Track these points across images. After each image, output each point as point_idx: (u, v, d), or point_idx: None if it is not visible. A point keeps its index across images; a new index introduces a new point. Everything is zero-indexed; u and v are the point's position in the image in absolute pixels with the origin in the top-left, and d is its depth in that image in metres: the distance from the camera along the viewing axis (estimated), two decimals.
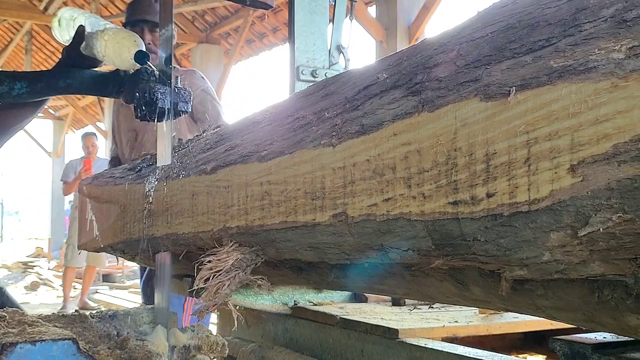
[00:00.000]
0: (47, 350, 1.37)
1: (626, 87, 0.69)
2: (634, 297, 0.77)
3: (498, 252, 0.85)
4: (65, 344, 1.39)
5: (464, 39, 0.96)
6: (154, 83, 1.76)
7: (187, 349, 1.60)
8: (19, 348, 1.34)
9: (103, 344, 1.55)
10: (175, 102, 1.75)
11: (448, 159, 0.88)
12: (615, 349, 0.94)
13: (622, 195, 0.70)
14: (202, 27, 12.83)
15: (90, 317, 1.73)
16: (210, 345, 1.62)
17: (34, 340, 1.36)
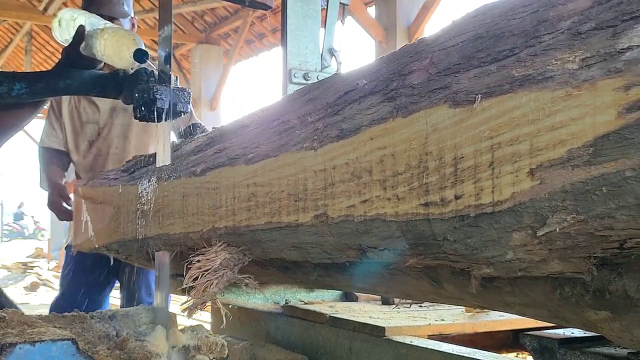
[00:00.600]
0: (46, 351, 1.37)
1: (579, 96, 0.74)
2: (591, 293, 0.82)
3: (466, 251, 0.90)
4: (65, 344, 1.39)
5: (437, 47, 1.00)
6: (154, 83, 1.77)
7: (186, 349, 1.60)
8: (18, 348, 1.34)
9: (102, 344, 1.55)
10: (175, 102, 1.76)
11: (420, 162, 0.93)
12: (581, 344, 0.99)
13: (576, 197, 0.74)
14: (202, 28, 12.89)
15: (90, 317, 1.74)
16: (209, 346, 1.62)
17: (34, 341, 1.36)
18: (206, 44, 12.80)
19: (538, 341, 1.02)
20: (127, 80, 1.92)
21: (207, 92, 12.79)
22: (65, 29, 2.06)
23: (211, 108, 12.79)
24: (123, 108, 2.92)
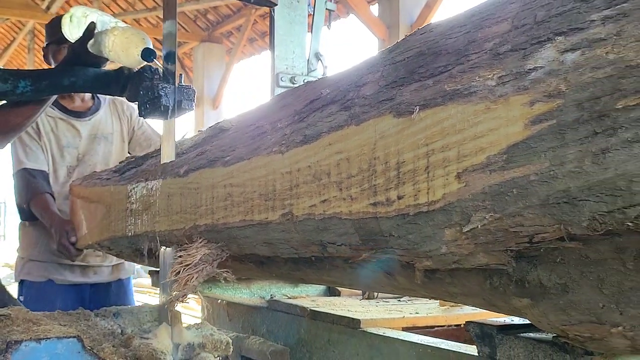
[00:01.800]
0: (52, 348, 1.38)
1: (495, 109, 0.86)
2: (514, 283, 0.94)
3: (408, 245, 1.01)
4: (70, 341, 1.41)
5: (388, 62, 1.12)
6: (158, 81, 1.78)
7: (191, 346, 1.61)
8: (24, 346, 1.36)
9: (107, 342, 1.56)
10: (180, 99, 1.76)
11: (369, 166, 1.05)
12: (517, 330, 1.11)
13: (493, 198, 0.86)
14: (204, 26, 12.99)
15: (95, 315, 1.76)
16: (214, 343, 1.64)
17: (39, 338, 1.38)
18: (209, 42, 12.89)
19: (480, 328, 1.13)
20: (132, 78, 1.91)
21: (209, 90, 12.89)
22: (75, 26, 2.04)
23: (214, 106, 12.90)
24: (104, 135, 2.87)
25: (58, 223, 2.51)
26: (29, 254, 2.79)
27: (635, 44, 0.72)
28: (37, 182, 2.70)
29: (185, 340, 1.62)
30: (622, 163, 0.72)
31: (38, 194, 2.67)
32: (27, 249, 2.83)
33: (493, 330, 1.11)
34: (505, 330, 1.10)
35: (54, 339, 1.40)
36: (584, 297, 0.86)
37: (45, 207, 2.63)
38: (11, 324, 1.51)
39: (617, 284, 0.82)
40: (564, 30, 0.81)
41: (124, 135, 2.91)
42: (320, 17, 2.58)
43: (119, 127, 2.91)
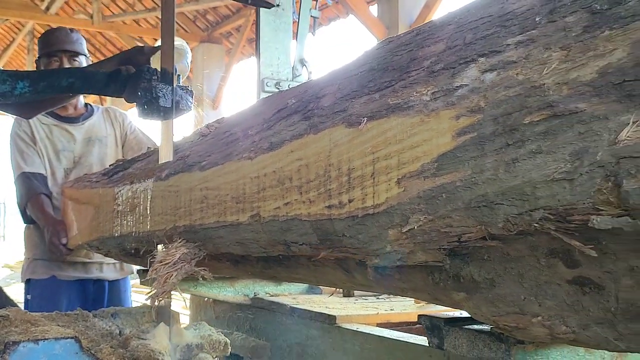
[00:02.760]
0: (49, 349, 1.39)
1: (429, 122, 0.96)
2: (451, 278, 1.04)
3: (359, 245, 1.12)
4: (68, 342, 1.41)
5: (345, 75, 1.23)
6: (156, 82, 1.79)
7: (189, 347, 1.62)
8: (22, 346, 1.36)
9: (105, 342, 1.57)
10: (178, 100, 1.78)
11: (325, 172, 1.16)
12: (462, 322, 1.21)
13: (426, 202, 0.97)
14: (204, 27, 13.09)
15: (93, 315, 1.78)
16: (212, 344, 1.66)
17: (37, 339, 1.39)
18: (208, 42, 12.98)
19: (430, 320, 1.24)
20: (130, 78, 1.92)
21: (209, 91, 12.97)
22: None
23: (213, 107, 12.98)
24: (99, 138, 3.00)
25: (50, 223, 2.64)
26: (33, 253, 2.94)
27: (540, 66, 0.83)
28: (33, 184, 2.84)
29: (184, 340, 1.64)
30: (528, 171, 0.83)
31: (34, 195, 2.80)
32: (31, 249, 2.98)
33: (441, 323, 1.21)
34: (452, 322, 1.20)
35: (52, 340, 1.40)
36: (508, 290, 0.97)
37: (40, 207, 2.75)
38: (9, 325, 1.52)
39: (534, 278, 0.92)
40: (485, 52, 0.92)
41: (117, 139, 3.04)
42: (304, 24, 2.69)
43: (112, 132, 3.04)
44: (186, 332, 1.68)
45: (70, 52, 2.91)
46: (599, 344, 0.95)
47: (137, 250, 1.86)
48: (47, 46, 2.96)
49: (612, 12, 0.77)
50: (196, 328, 1.74)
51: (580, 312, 0.91)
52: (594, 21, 0.79)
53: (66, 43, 2.93)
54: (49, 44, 2.96)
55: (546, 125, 0.81)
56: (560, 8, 0.84)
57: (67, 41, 2.94)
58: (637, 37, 0.73)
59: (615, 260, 0.81)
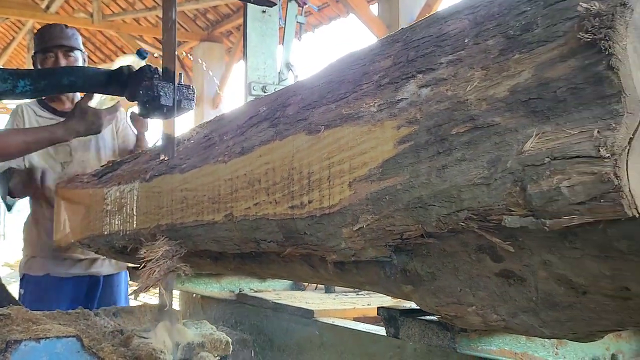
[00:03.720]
0: (51, 348, 1.40)
1: (375, 131, 1.08)
2: (400, 272, 1.16)
3: (318, 242, 1.24)
4: (70, 341, 1.43)
5: (308, 86, 1.35)
6: (158, 80, 1.81)
7: (190, 346, 1.64)
8: (24, 345, 1.37)
9: (107, 341, 1.58)
10: (179, 99, 1.81)
11: (289, 175, 1.28)
12: (416, 313, 1.33)
13: (373, 203, 1.08)
14: (204, 25, 13.19)
15: (94, 314, 1.80)
16: (213, 343, 1.68)
17: (39, 338, 1.40)
18: (208, 41, 13.08)
19: (387, 312, 1.35)
20: (131, 77, 1.94)
21: (209, 90, 13.09)
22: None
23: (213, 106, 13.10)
24: None
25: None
26: (31, 251, 3.05)
27: (465, 84, 0.95)
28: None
29: (185, 339, 1.66)
30: (454, 177, 0.94)
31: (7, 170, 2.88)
32: (28, 247, 3.10)
33: (397, 314, 1.33)
34: (407, 313, 1.32)
35: (54, 339, 1.42)
36: (446, 283, 1.08)
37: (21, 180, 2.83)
38: (11, 324, 1.54)
39: (468, 271, 1.04)
40: (423, 69, 1.04)
41: (113, 131, 3.15)
42: (291, 29, 2.80)
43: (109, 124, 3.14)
44: (188, 330, 1.71)
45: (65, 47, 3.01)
46: (527, 330, 1.07)
47: (125, 247, 1.98)
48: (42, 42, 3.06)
49: (522, 38, 0.89)
50: (197, 327, 1.77)
51: (508, 302, 1.03)
52: (508, 45, 0.90)
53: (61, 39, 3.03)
54: (44, 40, 3.06)
55: (469, 136, 0.93)
56: (484, 32, 0.96)
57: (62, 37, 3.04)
58: (541, 61, 0.85)
59: (531, 255, 0.93)
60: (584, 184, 0.77)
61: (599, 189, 0.76)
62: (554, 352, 1.29)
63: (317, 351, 1.97)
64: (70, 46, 2.97)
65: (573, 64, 0.81)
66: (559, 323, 1.01)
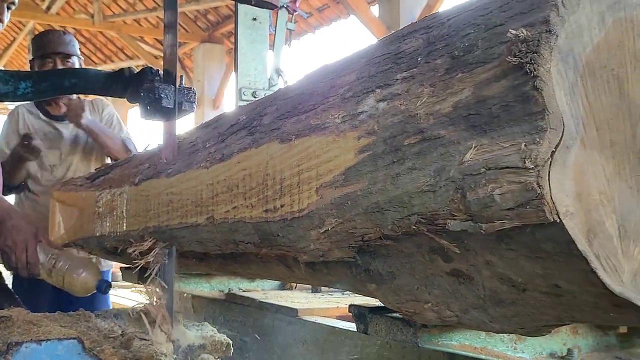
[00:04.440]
0: (52, 350, 1.40)
1: (339, 141, 1.18)
2: (364, 271, 1.26)
3: (290, 243, 1.34)
4: (71, 343, 1.42)
5: (282, 97, 1.44)
6: (159, 83, 1.81)
7: (191, 348, 1.64)
8: (25, 347, 1.37)
9: (108, 343, 1.58)
10: (180, 101, 1.82)
11: (263, 180, 1.37)
12: (384, 311, 1.42)
13: (337, 207, 1.18)
14: (204, 26, 13.30)
15: (95, 316, 1.79)
16: (214, 345, 1.68)
17: (40, 340, 1.40)
18: (209, 42, 13.19)
19: (357, 309, 1.45)
20: (132, 79, 1.94)
21: (209, 91, 13.18)
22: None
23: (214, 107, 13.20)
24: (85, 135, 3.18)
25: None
26: None
27: (415, 99, 1.04)
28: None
29: (186, 341, 1.66)
30: (406, 184, 1.04)
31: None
32: None
33: (366, 311, 1.42)
34: (375, 311, 1.41)
35: (55, 341, 1.42)
36: (405, 281, 1.18)
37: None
38: (12, 325, 1.54)
39: (423, 271, 1.13)
40: (381, 85, 1.13)
41: None
42: (281, 36, 2.91)
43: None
44: (189, 332, 1.72)
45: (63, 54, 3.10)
46: (478, 325, 1.16)
47: (115, 248, 2.08)
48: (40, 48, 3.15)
49: (464, 59, 0.98)
50: (198, 328, 1.78)
51: (460, 299, 1.12)
52: (453, 65, 1.00)
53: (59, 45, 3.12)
54: (42, 46, 3.15)
55: (419, 147, 1.02)
56: (434, 51, 1.06)
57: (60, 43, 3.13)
58: (479, 80, 0.94)
59: (475, 255, 1.02)
60: (512, 192, 0.87)
61: (524, 196, 0.85)
62: (513, 347, 1.38)
63: (301, 348, 2.07)
64: (68, 53, 3.07)
65: (505, 84, 0.90)
66: (506, 318, 1.10)
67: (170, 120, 1.82)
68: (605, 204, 0.90)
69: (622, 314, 0.94)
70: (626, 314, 0.94)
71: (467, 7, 1.08)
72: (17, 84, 1.98)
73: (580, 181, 0.87)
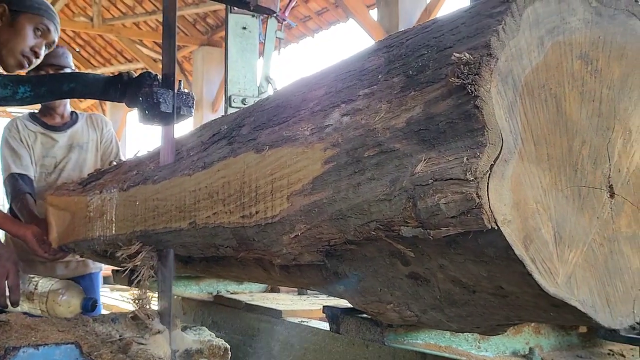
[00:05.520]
0: (50, 354, 1.42)
1: (307, 152, 1.27)
2: (333, 274, 1.34)
3: (265, 247, 1.42)
4: (68, 347, 1.45)
5: (260, 109, 1.53)
6: (157, 87, 1.84)
7: (189, 353, 1.67)
8: (22, 352, 1.39)
9: (105, 347, 1.60)
10: (178, 106, 1.84)
11: (241, 188, 1.46)
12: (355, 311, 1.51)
13: (305, 214, 1.27)
14: (204, 30, 13.39)
15: (93, 320, 1.82)
16: (212, 349, 1.70)
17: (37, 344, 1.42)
18: (208, 46, 13.26)
19: (330, 310, 1.54)
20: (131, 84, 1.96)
21: (208, 94, 13.25)
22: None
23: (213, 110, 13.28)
24: (79, 144, 3.29)
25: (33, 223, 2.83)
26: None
27: (374, 114, 1.13)
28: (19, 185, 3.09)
29: (183, 346, 1.69)
30: (366, 193, 1.13)
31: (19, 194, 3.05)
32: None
33: (338, 312, 1.51)
34: (347, 311, 1.50)
35: (52, 345, 1.44)
36: (369, 283, 1.27)
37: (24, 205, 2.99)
38: (9, 330, 1.56)
39: (385, 274, 1.22)
40: (346, 100, 1.22)
41: (98, 145, 3.35)
42: (270, 44, 3.00)
43: (95, 137, 3.35)
44: (186, 337, 1.75)
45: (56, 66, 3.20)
46: (437, 324, 1.25)
47: (105, 251, 2.17)
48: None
49: (417, 78, 1.07)
50: (196, 333, 1.82)
51: (419, 300, 1.21)
52: (407, 83, 1.09)
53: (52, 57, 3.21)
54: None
55: (377, 159, 1.11)
56: (393, 70, 1.15)
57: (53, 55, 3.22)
58: (429, 98, 1.03)
59: (429, 259, 1.11)
60: (455, 201, 0.95)
61: (465, 205, 0.94)
62: (476, 346, 1.47)
63: (284, 348, 2.16)
64: (60, 65, 3.16)
65: (450, 102, 0.99)
66: (462, 318, 1.19)
67: (169, 124, 1.85)
68: (542, 213, 0.98)
69: (560, 313, 1.03)
70: (564, 313, 1.03)
71: (425, 28, 1.17)
72: (16, 88, 2.01)
73: (517, 191, 0.96)
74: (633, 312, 1.05)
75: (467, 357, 1.45)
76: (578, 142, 1.04)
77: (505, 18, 0.98)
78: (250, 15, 2.90)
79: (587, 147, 1.05)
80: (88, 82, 2.09)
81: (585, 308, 1.00)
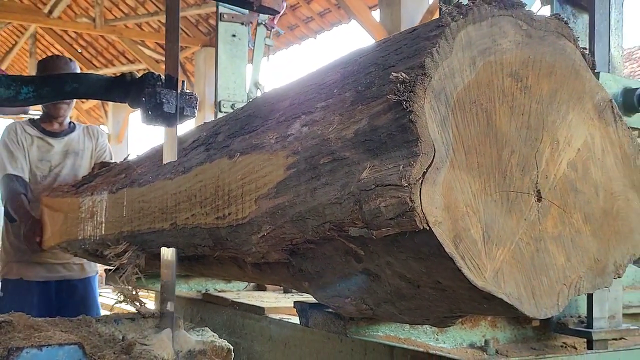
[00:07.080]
0: (53, 355, 1.41)
1: (272, 159, 1.40)
2: (298, 271, 1.47)
3: (237, 247, 1.56)
4: (71, 348, 1.44)
5: (234, 118, 1.67)
6: (160, 88, 1.84)
7: (192, 353, 1.67)
8: (25, 352, 1.39)
9: (108, 348, 1.60)
10: (181, 106, 1.84)
11: (215, 191, 1.59)
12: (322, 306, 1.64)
13: (270, 216, 1.40)
14: (206, 31, 13.48)
15: (96, 321, 1.83)
16: (215, 350, 1.71)
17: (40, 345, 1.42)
18: (210, 47, 13.34)
19: (300, 305, 1.67)
20: (134, 84, 1.96)
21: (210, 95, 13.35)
22: None
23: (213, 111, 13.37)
24: (75, 151, 3.42)
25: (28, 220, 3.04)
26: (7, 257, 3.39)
27: (328, 125, 1.26)
28: (15, 185, 3.24)
29: (187, 346, 1.70)
30: (321, 197, 1.25)
31: (15, 194, 3.20)
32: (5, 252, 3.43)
33: (307, 307, 1.64)
34: (314, 306, 1.63)
35: (55, 346, 1.44)
36: (329, 279, 1.40)
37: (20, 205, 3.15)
38: (12, 331, 1.57)
39: (342, 270, 1.35)
40: (306, 111, 1.35)
41: (93, 153, 3.50)
42: (259, 51, 3.13)
43: (90, 146, 3.50)
44: (189, 338, 1.75)
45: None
46: (390, 317, 1.38)
47: (96, 250, 2.31)
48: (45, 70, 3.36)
49: (365, 93, 1.20)
50: (199, 334, 1.83)
51: (373, 294, 1.34)
52: (357, 98, 1.22)
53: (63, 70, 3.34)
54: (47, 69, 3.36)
55: (331, 166, 1.24)
56: (346, 85, 1.28)
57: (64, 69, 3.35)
58: (373, 112, 1.16)
59: (378, 257, 1.24)
60: (392, 205, 1.08)
61: (401, 208, 1.07)
62: (435, 338, 1.60)
63: (267, 343, 2.29)
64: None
65: (390, 116, 1.12)
66: (411, 311, 1.32)
67: (172, 125, 1.87)
68: (471, 215, 1.11)
69: (491, 305, 1.16)
70: (494, 305, 1.16)
71: (376, 47, 1.30)
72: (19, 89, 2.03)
73: (449, 196, 1.09)
74: (557, 304, 1.18)
75: (426, 348, 1.58)
76: (507, 152, 1.17)
77: (440, 41, 1.11)
78: (240, 23, 3.04)
79: (516, 156, 1.17)
80: (91, 83, 2.11)
81: (512, 300, 1.13)
